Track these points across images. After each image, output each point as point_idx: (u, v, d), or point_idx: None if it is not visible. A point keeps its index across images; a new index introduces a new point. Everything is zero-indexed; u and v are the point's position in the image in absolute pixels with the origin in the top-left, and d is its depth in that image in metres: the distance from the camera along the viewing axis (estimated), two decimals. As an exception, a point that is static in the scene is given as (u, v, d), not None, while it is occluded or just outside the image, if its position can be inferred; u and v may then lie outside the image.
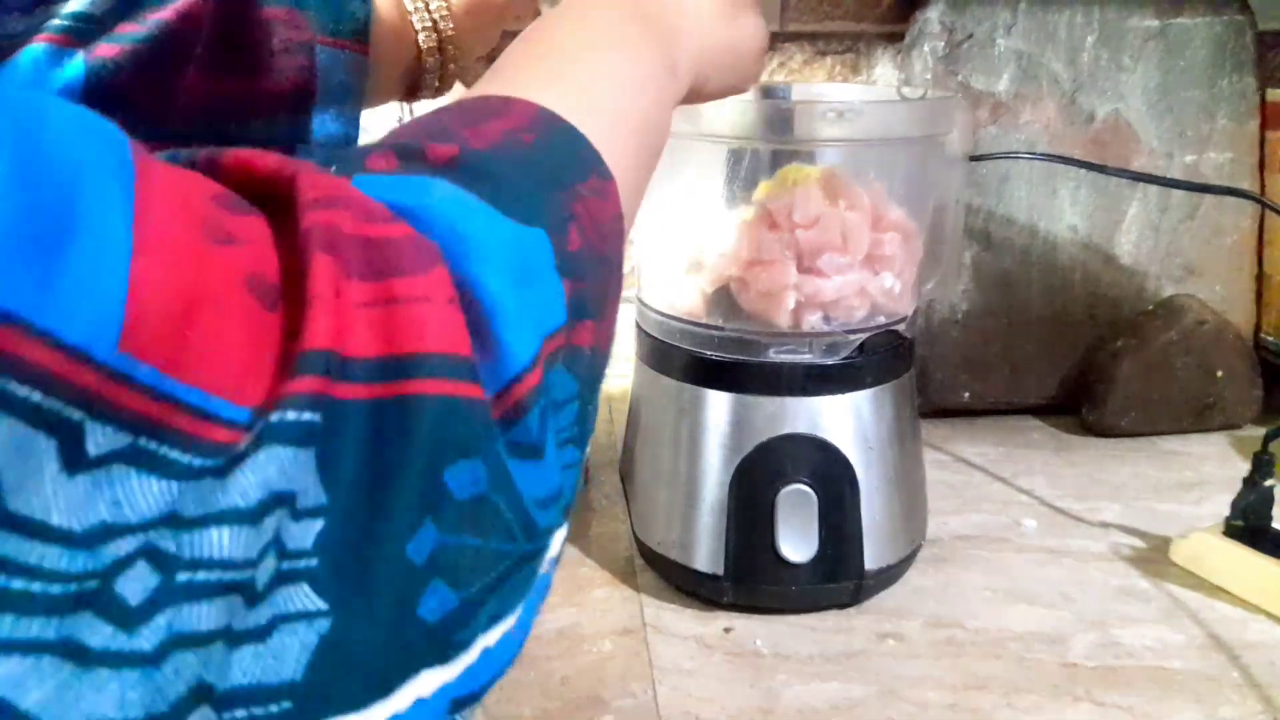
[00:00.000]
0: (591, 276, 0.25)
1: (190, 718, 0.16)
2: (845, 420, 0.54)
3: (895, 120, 0.56)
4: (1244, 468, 0.59)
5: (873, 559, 0.54)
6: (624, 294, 0.85)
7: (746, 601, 0.55)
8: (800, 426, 0.53)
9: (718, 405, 0.54)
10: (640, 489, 0.59)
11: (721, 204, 0.57)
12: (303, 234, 0.18)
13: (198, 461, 0.16)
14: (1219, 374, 0.77)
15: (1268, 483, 0.58)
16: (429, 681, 0.19)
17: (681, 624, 0.55)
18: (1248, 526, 0.58)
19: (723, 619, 0.55)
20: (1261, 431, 0.59)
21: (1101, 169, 0.71)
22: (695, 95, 0.38)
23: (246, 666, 0.17)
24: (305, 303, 0.18)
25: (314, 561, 0.17)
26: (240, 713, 0.17)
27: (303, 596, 0.17)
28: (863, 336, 0.54)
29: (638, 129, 0.32)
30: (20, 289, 0.14)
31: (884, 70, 0.87)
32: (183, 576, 0.16)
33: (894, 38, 0.85)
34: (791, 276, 0.53)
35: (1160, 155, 0.79)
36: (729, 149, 0.55)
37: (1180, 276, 0.80)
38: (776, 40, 0.86)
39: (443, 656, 0.20)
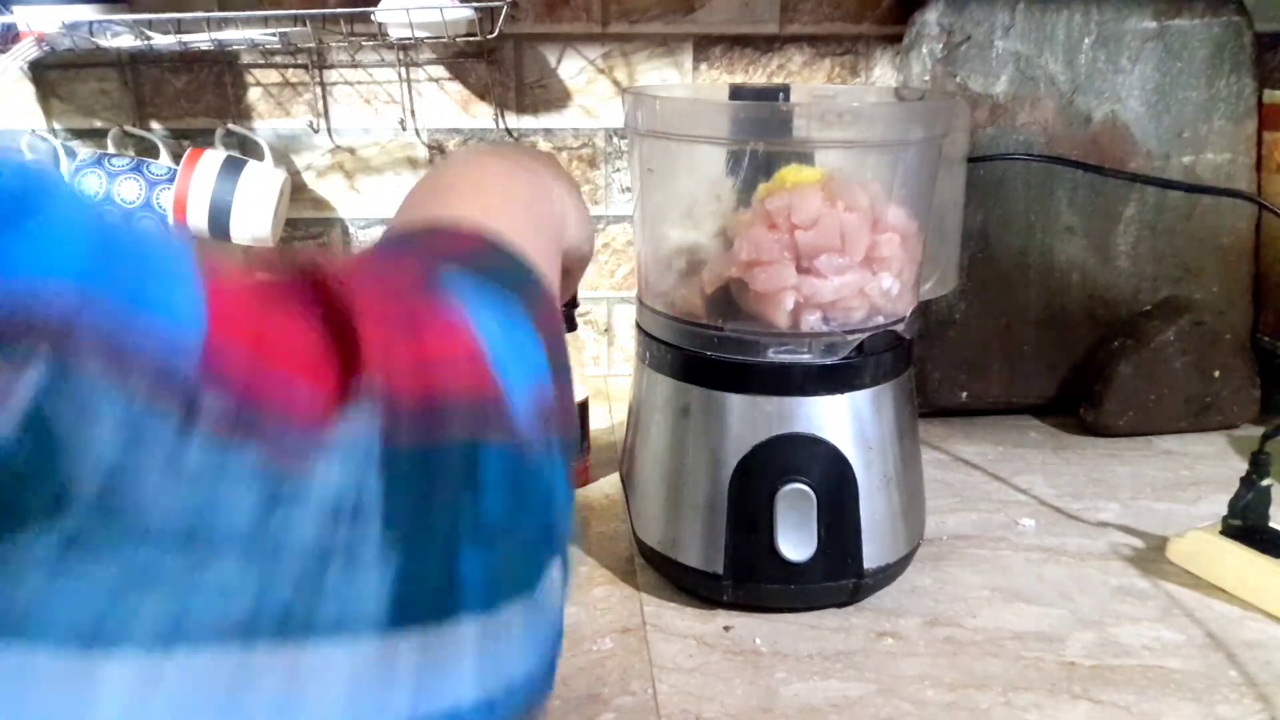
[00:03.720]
0: (556, 353, 0.29)
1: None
2: (844, 420, 0.54)
3: (894, 122, 0.57)
4: (1241, 467, 0.59)
5: (871, 558, 0.54)
6: (624, 294, 0.85)
7: (746, 600, 0.55)
8: (799, 426, 0.53)
9: (717, 405, 0.54)
10: (640, 488, 0.59)
11: (721, 205, 0.57)
12: (360, 325, 0.22)
13: (288, 442, 0.19)
14: (1216, 374, 0.77)
15: (1265, 482, 0.58)
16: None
17: (681, 622, 0.55)
18: (1245, 526, 0.58)
19: (722, 618, 0.55)
20: (1259, 431, 0.60)
21: (1099, 170, 0.71)
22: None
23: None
24: (358, 351, 0.21)
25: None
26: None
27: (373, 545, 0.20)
28: (861, 337, 0.54)
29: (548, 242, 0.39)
30: (122, 283, 0.18)
31: (882, 72, 0.87)
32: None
33: (892, 39, 0.85)
34: (791, 277, 0.53)
35: (1158, 156, 0.79)
36: (728, 150, 0.55)
37: (1178, 277, 0.81)
38: (775, 42, 0.86)
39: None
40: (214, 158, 0.80)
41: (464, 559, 0.21)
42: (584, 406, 0.72)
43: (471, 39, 0.77)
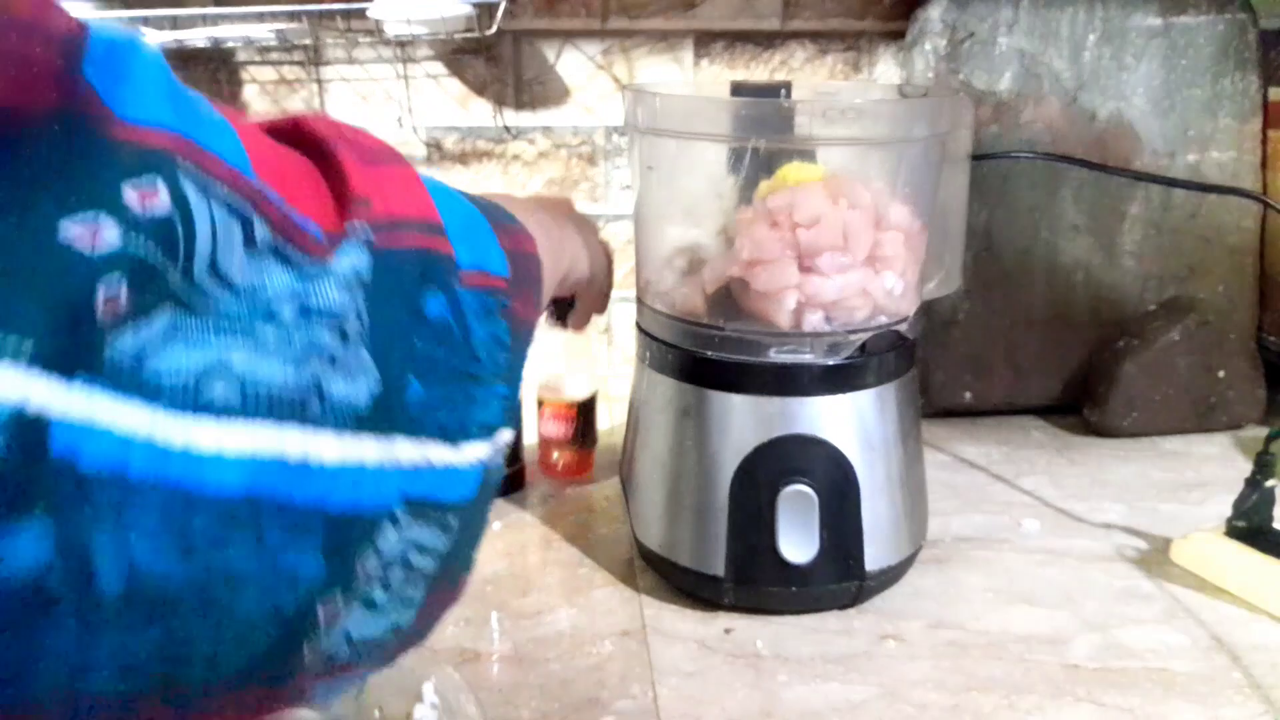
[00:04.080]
0: (524, 275, 0.33)
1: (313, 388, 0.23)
2: (847, 421, 0.53)
3: (896, 119, 0.56)
4: (1246, 468, 0.59)
5: (874, 560, 0.54)
6: (624, 294, 0.84)
7: (747, 603, 0.55)
8: (801, 427, 0.53)
9: (718, 405, 0.54)
10: (640, 490, 0.59)
11: (722, 203, 0.57)
12: (331, 150, 0.27)
13: (307, 265, 0.23)
14: (1221, 374, 0.77)
15: (1270, 483, 0.58)
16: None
17: (682, 625, 0.54)
18: (1250, 527, 0.58)
19: (723, 620, 0.55)
20: (1264, 431, 0.59)
21: (1103, 168, 0.71)
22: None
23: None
24: (344, 178, 0.26)
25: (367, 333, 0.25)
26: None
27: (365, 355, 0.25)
28: (864, 337, 0.53)
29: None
30: (195, 127, 0.22)
31: (885, 69, 0.86)
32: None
33: (895, 36, 0.85)
34: (793, 276, 0.52)
35: (1163, 154, 0.78)
36: (729, 148, 0.55)
37: (1183, 276, 0.80)
38: (777, 38, 0.86)
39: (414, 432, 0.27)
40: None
41: (409, 386, 0.26)
42: (591, 402, 0.72)
43: (470, 35, 0.76)
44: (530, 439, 0.73)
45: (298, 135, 0.27)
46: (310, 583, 0.23)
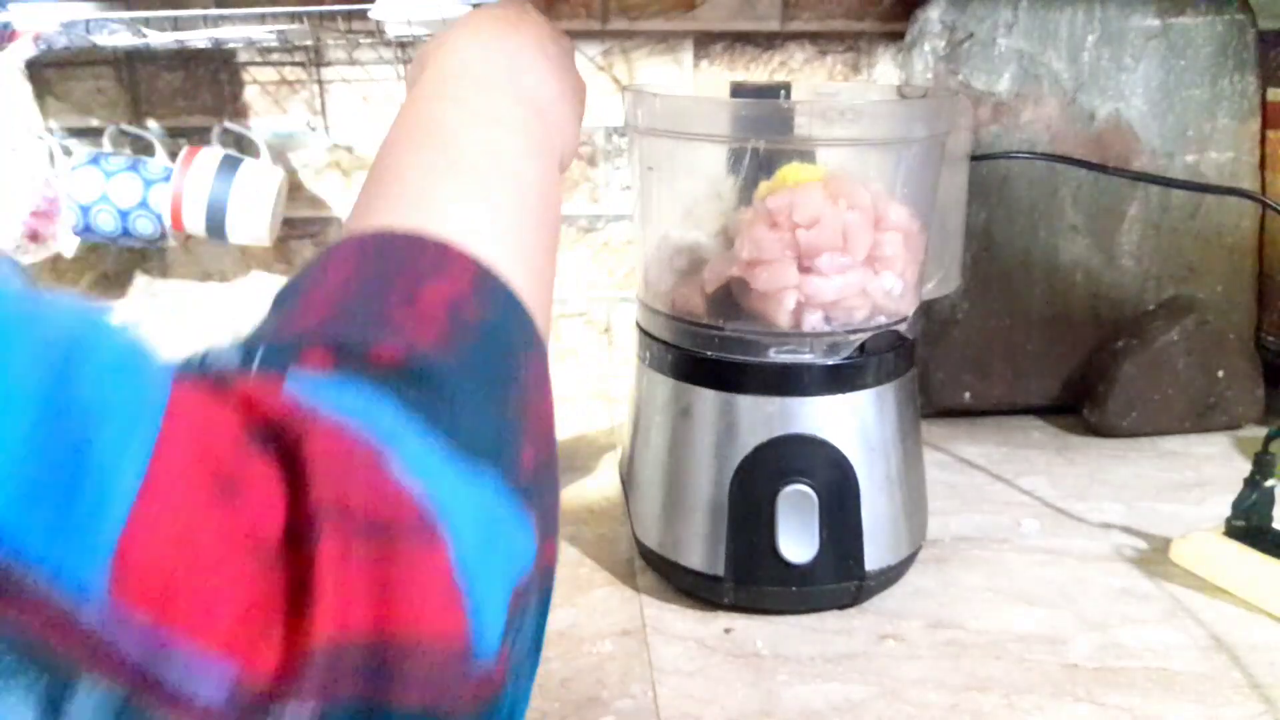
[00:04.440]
0: (547, 488, 0.25)
1: None
2: (846, 421, 0.54)
3: (896, 120, 0.56)
4: (1245, 468, 0.59)
5: (873, 559, 0.54)
6: (624, 294, 0.84)
7: (747, 602, 0.55)
8: (801, 427, 0.53)
9: (718, 405, 0.54)
10: (640, 489, 0.59)
11: (722, 204, 0.57)
12: (309, 511, 0.19)
13: None
14: (1220, 374, 0.77)
15: (1269, 483, 0.58)
16: None
17: (681, 625, 0.54)
18: (1249, 527, 0.58)
19: (723, 620, 0.55)
20: (1263, 431, 0.59)
21: (1103, 169, 0.71)
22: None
23: None
24: (313, 584, 0.18)
25: None
26: None
27: None
28: (864, 337, 0.53)
29: (549, 246, 0.33)
30: (28, 530, 0.15)
31: (884, 69, 0.87)
32: None
33: (894, 37, 0.85)
34: (792, 277, 0.53)
35: (1161, 155, 0.79)
36: (729, 148, 0.55)
37: (1182, 276, 0.80)
38: (776, 39, 0.86)
39: None
40: (211, 156, 0.80)
41: None
42: None
43: (471, 36, 0.76)
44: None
45: (279, 440, 0.20)
46: None
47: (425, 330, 0.23)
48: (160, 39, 0.73)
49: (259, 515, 0.18)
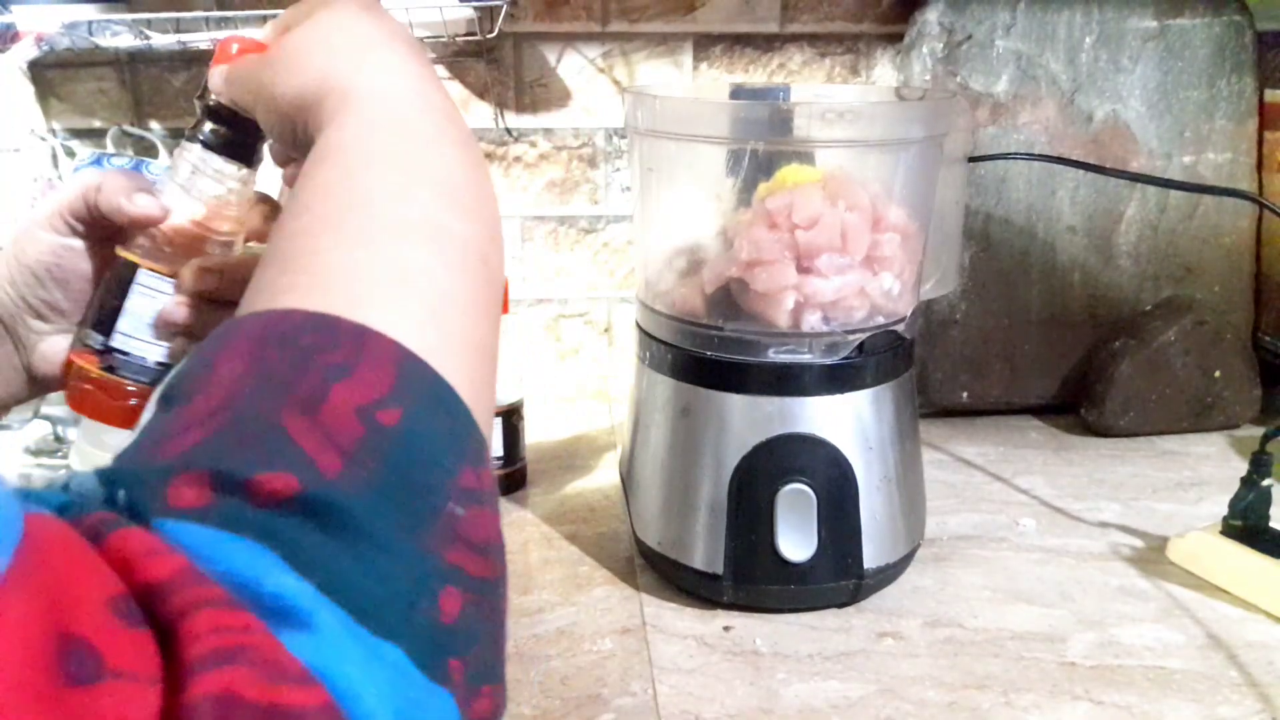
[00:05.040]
0: (480, 628, 0.22)
1: None
2: (845, 420, 0.54)
3: (894, 121, 0.56)
4: (1242, 467, 0.59)
5: (872, 558, 0.54)
6: (624, 294, 0.84)
7: (746, 601, 0.55)
8: (800, 426, 0.53)
9: (717, 405, 0.54)
10: (640, 489, 0.59)
11: (721, 205, 0.57)
12: (192, 706, 0.15)
13: None
14: (1217, 374, 0.77)
15: (1266, 482, 0.58)
16: None
17: (681, 623, 0.55)
18: (1246, 526, 0.58)
19: (722, 618, 0.55)
20: (1260, 431, 0.60)
21: (1100, 170, 0.71)
22: None
23: None
24: None
25: None
26: None
27: None
28: (862, 337, 0.54)
29: (492, 316, 0.28)
30: None
31: (883, 71, 0.87)
32: None
33: (893, 39, 0.85)
34: (791, 277, 0.53)
35: (1159, 156, 0.79)
36: (729, 150, 0.55)
37: (1179, 276, 0.81)
38: (776, 41, 0.86)
39: None
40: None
41: None
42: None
43: (471, 38, 0.77)
44: (531, 438, 0.73)
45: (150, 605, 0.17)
46: None
47: (327, 449, 0.20)
48: (163, 40, 0.73)
49: (123, 707, 0.15)
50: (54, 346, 0.42)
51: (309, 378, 0.21)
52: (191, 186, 0.41)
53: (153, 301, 0.40)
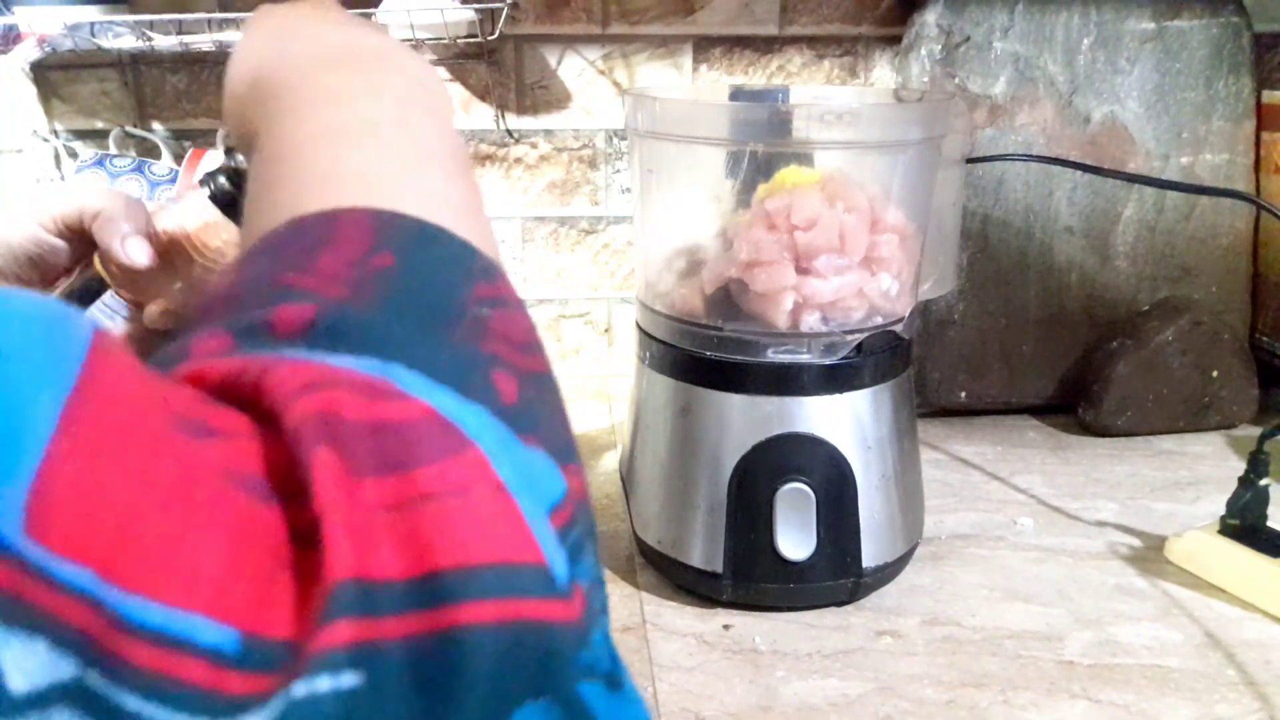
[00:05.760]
0: (546, 411, 0.20)
1: None
2: (843, 420, 0.54)
3: (892, 123, 0.57)
4: (1240, 467, 0.59)
5: (870, 557, 0.55)
6: (624, 294, 0.84)
7: (745, 599, 0.55)
8: (799, 426, 0.53)
9: (717, 405, 0.54)
10: (640, 488, 0.59)
11: (721, 206, 0.58)
12: (293, 430, 0.15)
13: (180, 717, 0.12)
14: (1215, 374, 0.77)
15: (1263, 482, 0.58)
16: None
17: (681, 621, 0.55)
18: (1244, 525, 0.59)
19: (722, 616, 0.55)
20: (1257, 431, 0.60)
21: (1098, 170, 0.71)
22: None
23: None
24: (314, 513, 0.14)
25: None
26: None
27: None
28: (861, 337, 0.54)
29: (465, 166, 0.27)
30: None
31: (882, 73, 0.87)
32: None
33: (891, 41, 0.85)
34: (790, 278, 0.53)
35: (1156, 156, 0.79)
36: (728, 151, 0.55)
37: (1176, 277, 0.81)
38: (775, 44, 0.86)
39: None
40: (216, 159, 0.80)
41: None
42: None
43: (472, 40, 0.77)
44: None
45: (257, 406, 0.16)
46: None
47: (330, 287, 0.19)
48: (165, 42, 0.74)
49: (236, 449, 0.15)
50: None
51: (293, 250, 0.21)
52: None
53: (110, 322, 0.42)
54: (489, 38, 0.77)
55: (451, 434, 0.16)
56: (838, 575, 0.54)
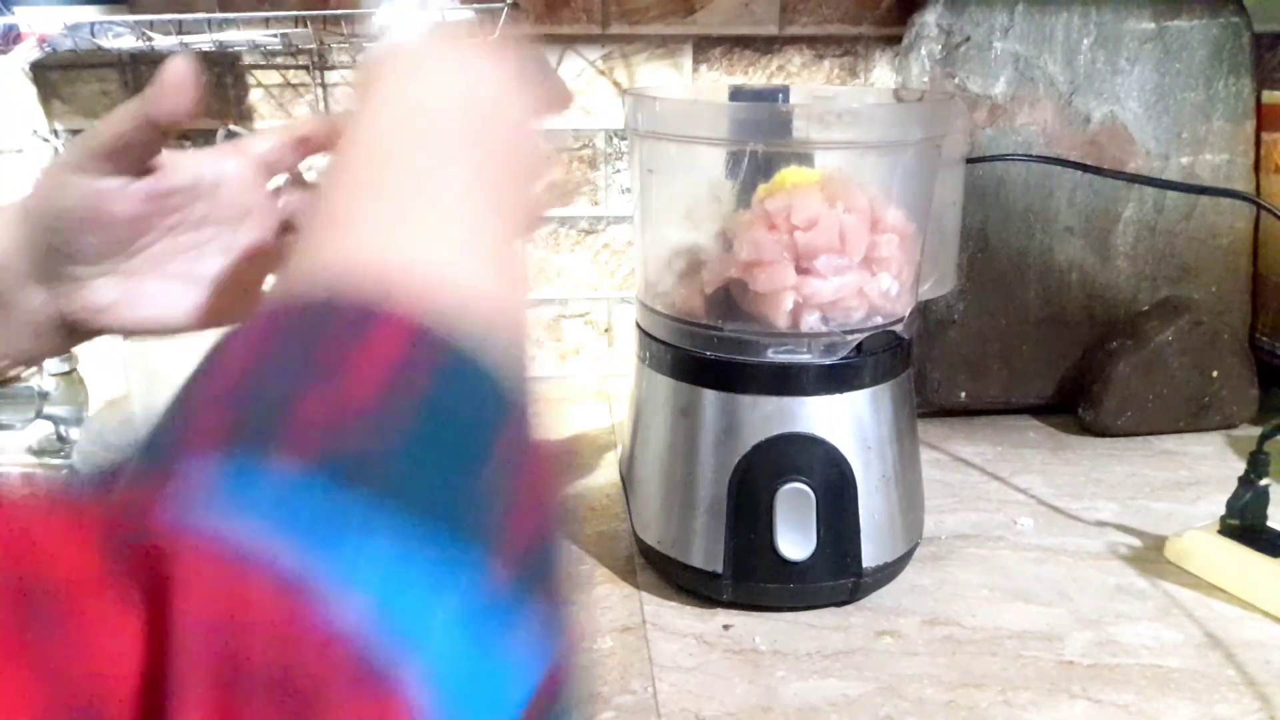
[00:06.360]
0: (550, 571, 0.19)
1: None
2: (843, 420, 0.54)
3: (892, 123, 0.57)
4: (1240, 467, 0.59)
5: (870, 557, 0.55)
6: (624, 294, 0.84)
7: (745, 599, 0.55)
8: (799, 426, 0.53)
9: (717, 405, 0.55)
10: (640, 488, 0.59)
11: (721, 206, 0.58)
12: (169, 661, 0.12)
13: None
14: (1215, 374, 0.77)
15: (1263, 482, 0.58)
16: None
17: (681, 621, 0.55)
18: (1243, 525, 0.59)
19: (722, 616, 0.55)
20: (1257, 431, 0.60)
21: (1098, 171, 0.71)
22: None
23: None
24: None
25: None
26: None
27: None
28: (861, 337, 0.54)
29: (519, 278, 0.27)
30: None
31: (882, 73, 0.87)
32: None
33: (892, 40, 0.85)
34: (790, 278, 0.53)
35: (1156, 157, 0.79)
36: (728, 151, 0.55)
37: (1176, 277, 0.81)
38: (775, 44, 0.86)
39: None
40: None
41: None
42: None
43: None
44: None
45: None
46: None
47: (351, 405, 0.18)
48: (165, 42, 0.74)
49: (96, 662, 0.12)
50: (98, 291, 0.39)
51: (324, 346, 0.19)
52: None
53: None
54: (489, 38, 0.76)
55: (368, 679, 0.14)
56: (838, 575, 0.54)
